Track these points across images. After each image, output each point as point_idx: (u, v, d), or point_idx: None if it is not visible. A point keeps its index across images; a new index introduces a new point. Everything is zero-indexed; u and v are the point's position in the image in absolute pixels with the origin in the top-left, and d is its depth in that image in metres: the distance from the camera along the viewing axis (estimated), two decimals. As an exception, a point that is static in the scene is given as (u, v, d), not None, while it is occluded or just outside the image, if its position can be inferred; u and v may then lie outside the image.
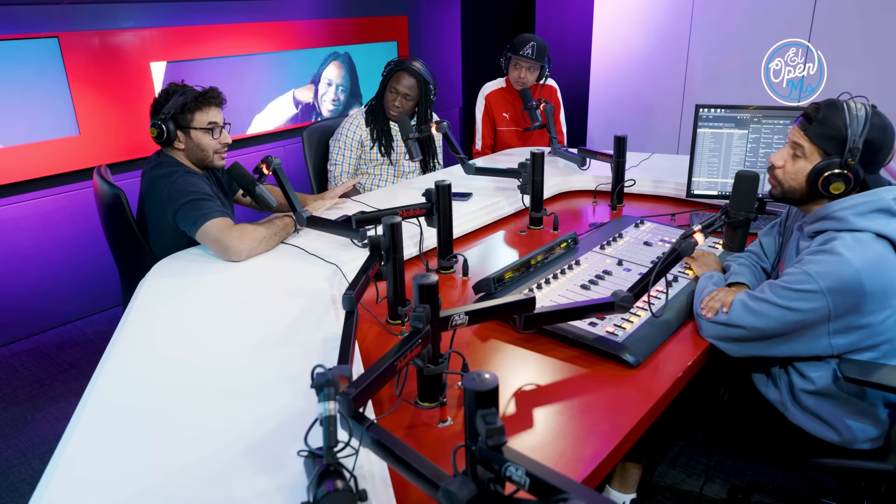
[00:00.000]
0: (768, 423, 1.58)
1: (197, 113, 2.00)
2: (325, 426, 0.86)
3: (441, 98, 5.30)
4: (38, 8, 3.09)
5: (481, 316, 1.31)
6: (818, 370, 1.47)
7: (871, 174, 1.43)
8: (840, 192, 1.41)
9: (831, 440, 1.50)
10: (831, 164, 1.40)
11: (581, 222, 2.41)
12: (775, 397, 1.56)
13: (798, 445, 1.55)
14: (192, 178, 1.98)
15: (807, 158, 1.45)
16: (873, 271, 1.33)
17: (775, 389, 1.56)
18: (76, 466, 1.06)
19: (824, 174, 1.41)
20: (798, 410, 1.52)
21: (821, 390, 1.47)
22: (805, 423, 1.51)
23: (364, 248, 1.88)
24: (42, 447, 2.54)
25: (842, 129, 1.38)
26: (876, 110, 1.40)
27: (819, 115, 1.42)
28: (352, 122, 2.89)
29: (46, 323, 3.46)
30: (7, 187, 3.17)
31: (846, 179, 1.40)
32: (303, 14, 4.26)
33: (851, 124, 1.37)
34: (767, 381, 1.59)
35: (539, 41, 3.15)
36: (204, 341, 1.47)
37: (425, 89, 2.81)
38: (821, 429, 1.50)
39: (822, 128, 1.41)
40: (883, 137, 1.39)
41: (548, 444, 1.17)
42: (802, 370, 1.49)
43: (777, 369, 1.56)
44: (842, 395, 1.46)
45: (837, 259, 1.34)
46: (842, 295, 1.34)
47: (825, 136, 1.41)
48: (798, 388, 1.50)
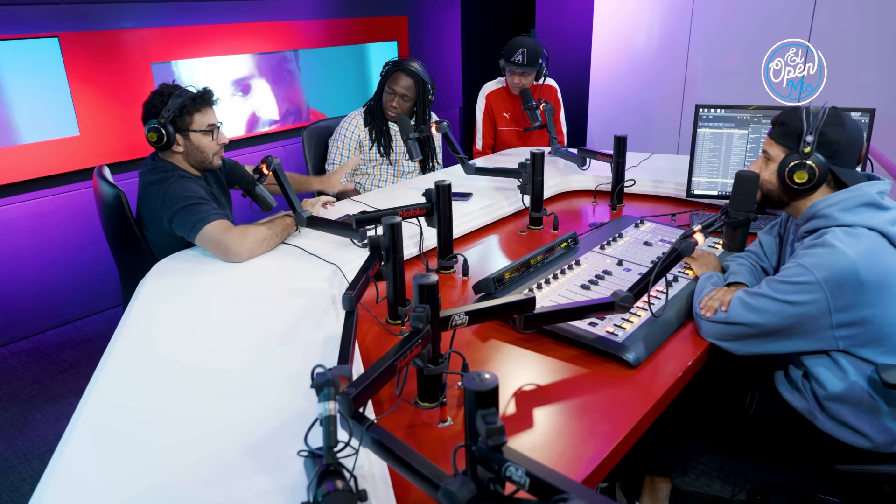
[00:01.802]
0: (797, 432, 1.56)
1: (196, 115, 1.98)
2: (325, 426, 0.86)
3: (441, 98, 5.30)
4: (38, 8, 3.09)
5: (481, 316, 1.31)
6: (834, 378, 1.45)
7: (842, 167, 1.47)
8: (805, 181, 1.47)
9: (862, 446, 1.47)
10: (792, 157, 1.49)
11: (581, 222, 2.41)
12: (802, 406, 1.54)
13: (828, 452, 1.53)
14: (186, 183, 1.96)
15: (775, 160, 1.54)
16: (868, 261, 1.34)
17: (801, 398, 1.55)
18: (76, 467, 1.06)
19: (788, 165, 1.49)
20: (826, 419, 1.50)
21: (844, 398, 1.45)
22: (834, 430, 1.49)
23: (364, 248, 1.87)
24: (42, 447, 2.54)
25: (798, 125, 1.48)
26: (835, 110, 1.48)
27: (781, 118, 1.54)
28: (350, 122, 2.89)
29: (46, 323, 3.46)
30: (7, 187, 3.17)
31: (809, 169, 1.46)
32: (303, 14, 4.26)
33: (806, 119, 1.47)
34: (792, 389, 1.57)
35: (530, 45, 3.09)
36: (204, 341, 1.47)
37: (423, 90, 2.81)
38: (851, 436, 1.48)
39: (783, 128, 1.53)
40: (841, 131, 1.45)
41: (548, 444, 1.17)
42: (821, 379, 1.47)
43: (798, 377, 1.55)
44: (869, 401, 1.43)
45: (831, 250, 1.36)
46: (838, 285, 1.34)
47: (785, 134, 1.51)
48: (822, 396, 1.49)
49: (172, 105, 1.93)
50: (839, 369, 1.45)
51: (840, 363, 1.44)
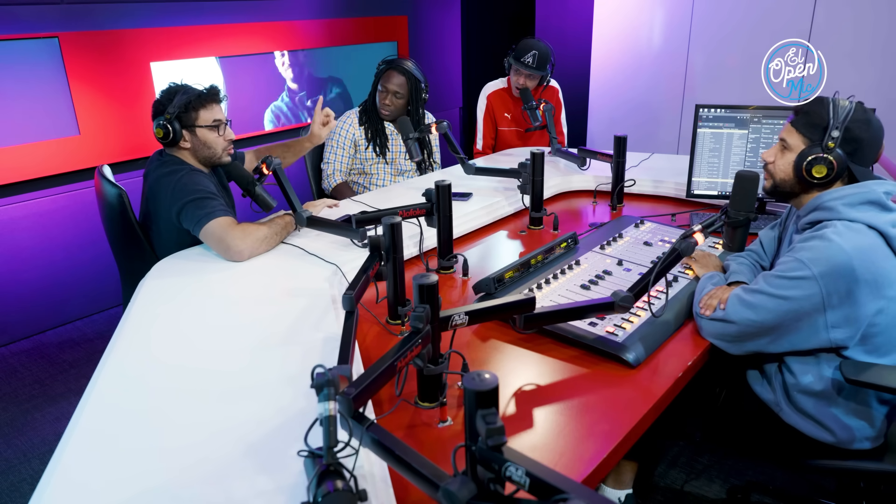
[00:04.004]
0: (764, 424, 1.58)
1: (202, 111, 2.00)
2: (325, 426, 0.86)
3: (441, 98, 5.30)
4: (38, 8, 3.09)
5: (481, 316, 1.31)
6: (809, 370, 1.47)
7: (859, 166, 1.46)
8: (822, 175, 1.45)
9: (826, 440, 1.50)
10: (813, 149, 1.47)
11: (581, 222, 2.41)
12: (770, 398, 1.56)
13: (794, 446, 1.55)
14: (197, 177, 1.98)
15: (793, 150, 1.51)
16: (864, 258, 1.35)
17: (770, 390, 1.57)
18: (76, 468, 1.05)
19: (807, 158, 1.47)
20: (792, 411, 1.52)
21: (812, 390, 1.47)
22: (799, 423, 1.52)
23: (364, 248, 1.87)
24: (42, 447, 2.54)
25: (824, 116, 1.46)
26: (862, 106, 1.46)
27: (805, 107, 1.51)
28: (345, 121, 2.90)
29: (46, 323, 3.46)
30: (7, 187, 3.16)
31: (828, 164, 1.44)
32: (303, 14, 4.26)
33: (834, 112, 1.45)
34: (762, 380, 1.59)
35: (542, 49, 3.12)
36: (204, 341, 1.47)
37: (416, 87, 2.82)
38: (815, 429, 1.50)
39: (807, 118, 1.50)
40: (866, 129, 1.43)
41: (548, 444, 1.17)
42: (794, 370, 1.49)
43: (772, 369, 1.56)
44: (834, 395, 1.46)
45: (828, 244, 1.36)
46: (833, 280, 1.35)
47: (809, 125, 1.49)
48: (792, 387, 1.50)
49: (178, 102, 1.96)
50: (815, 362, 1.46)
51: (820, 357, 1.46)
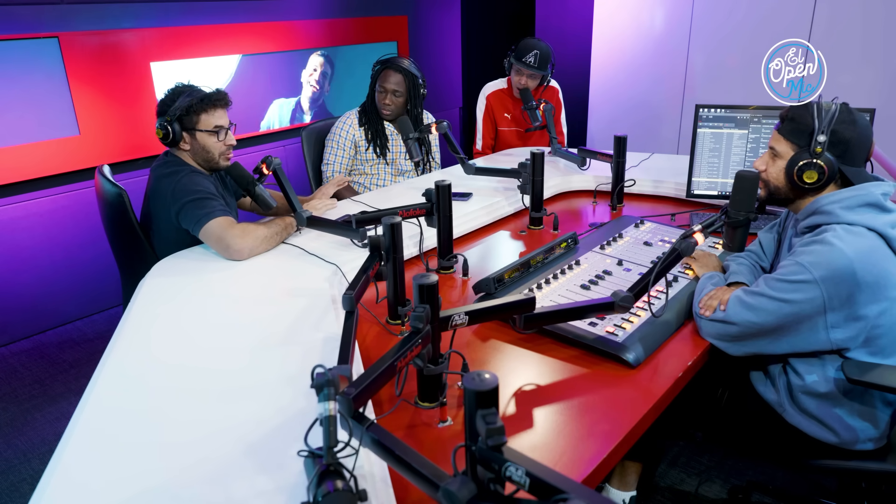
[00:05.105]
0: (767, 424, 1.58)
1: (202, 115, 2.00)
2: (325, 426, 0.86)
3: (441, 98, 5.30)
4: (38, 8, 3.09)
5: (481, 316, 1.31)
6: (813, 371, 1.47)
7: (850, 167, 1.46)
8: (814, 181, 1.46)
9: (829, 441, 1.50)
10: (802, 155, 1.47)
11: (581, 222, 2.41)
12: (773, 398, 1.56)
13: (797, 446, 1.55)
14: (197, 178, 1.99)
15: (783, 157, 1.52)
16: (865, 261, 1.35)
17: (773, 390, 1.57)
18: (76, 468, 1.05)
19: (797, 165, 1.47)
20: (796, 412, 1.52)
21: (817, 391, 1.47)
22: (803, 424, 1.52)
23: (364, 248, 1.87)
24: (42, 447, 2.54)
25: (809, 121, 1.46)
26: (846, 107, 1.46)
27: (789, 114, 1.52)
28: (344, 122, 2.90)
29: (46, 323, 3.46)
30: (7, 187, 3.17)
31: (819, 169, 1.45)
32: (303, 14, 4.26)
33: (818, 116, 1.45)
34: (766, 381, 1.59)
35: (543, 49, 3.12)
36: (204, 341, 1.47)
37: (413, 84, 2.82)
38: (818, 430, 1.50)
39: (792, 124, 1.50)
40: (852, 129, 1.44)
41: (548, 444, 1.17)
42: (799, 370, 1.49)
43: (776, 370, 1.56)
44: (839, 396, 1.46)
45: (829, 248, 1.36)
46: (835, 284, 1.34)
47: (795, 131, 1.49)
48: (796, 388, 1.50)
49: (180, 104, 1.97)
50: (820, 363, 1.46)
51: (824, 358, 1.46)
